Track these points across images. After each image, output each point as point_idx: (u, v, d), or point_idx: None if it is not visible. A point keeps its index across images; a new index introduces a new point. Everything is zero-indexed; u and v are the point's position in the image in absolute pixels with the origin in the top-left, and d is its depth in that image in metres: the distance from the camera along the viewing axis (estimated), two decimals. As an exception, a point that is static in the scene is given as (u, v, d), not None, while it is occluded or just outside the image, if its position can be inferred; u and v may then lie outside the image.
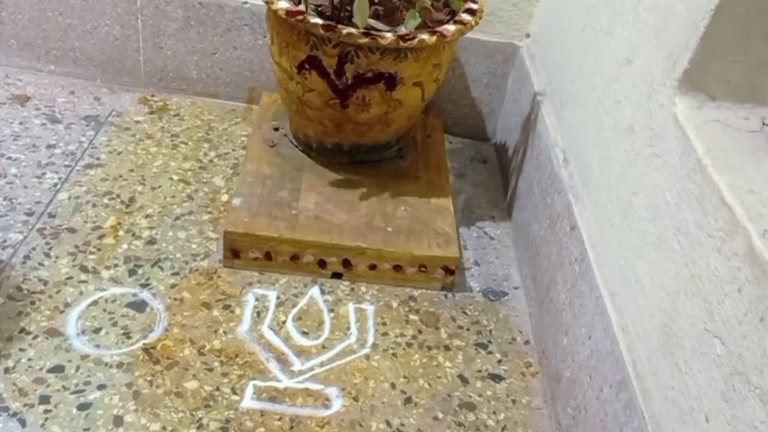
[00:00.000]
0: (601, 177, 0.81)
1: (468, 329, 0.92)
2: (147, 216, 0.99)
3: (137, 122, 1.17)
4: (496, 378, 0.86)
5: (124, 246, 0.94)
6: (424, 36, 0.88)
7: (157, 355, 0.81)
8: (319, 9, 0.92)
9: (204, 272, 0.93)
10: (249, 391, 0.79)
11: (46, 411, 0.74)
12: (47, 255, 0.90)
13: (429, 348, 0.89)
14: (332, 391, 0.81)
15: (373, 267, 0.94)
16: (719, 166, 0.57)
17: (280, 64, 0.96)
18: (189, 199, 1.04)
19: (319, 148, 1.04)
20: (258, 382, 0.80)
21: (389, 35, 0.87)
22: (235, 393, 0.79)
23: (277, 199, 0.97)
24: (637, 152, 0.72)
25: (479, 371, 0.87)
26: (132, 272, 0.91)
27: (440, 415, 0.81)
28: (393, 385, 0.83)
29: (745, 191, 0.55)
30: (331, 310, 0.91)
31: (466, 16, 0.94)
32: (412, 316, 0.92)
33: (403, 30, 0.89)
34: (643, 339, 0.66)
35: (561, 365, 0.82)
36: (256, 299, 0.90)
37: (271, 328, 0.87)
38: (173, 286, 0.90)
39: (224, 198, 1.05)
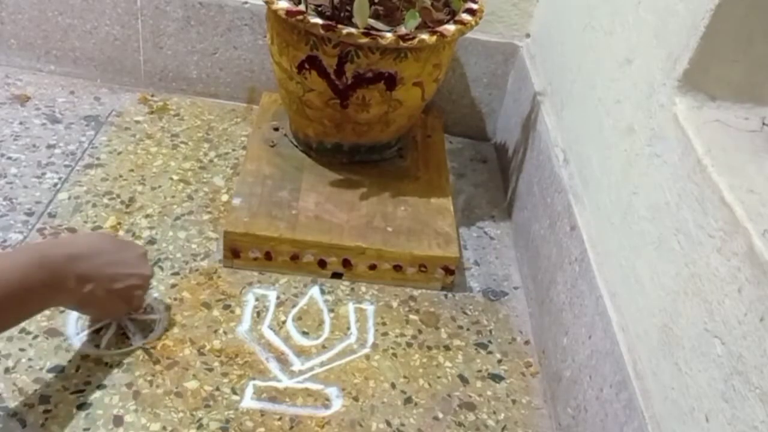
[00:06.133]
0: (601, 177, 0.81)
1: (468, 329, 0.92)
2: (147, 216, 0.99)
3: (137, 122, 1.17)
4: (496, 378, 0.86)
5: (124, 246, 0.94)
6: (424, 36, 0.88)
7: (157, 355, 0.81)
8: (319, 9, 0.92)
9: (204, 272, 0.93)
10: (249, 391, 0.79)
11: (46, 411, 0.74)
12: (47, 255, 0.90)
13: (429, 348, 0.89)
14: (332, 391, 0.81)
15: (373, 267, 0.94)
16: (719, 166, 0.58)
17: (280, 64, 0.96)
18: (189, 199, 1.04)
19: (319, 148, 1.04)
20: (258, 382, 0.80)
21: (389, 35, 0.87)
22: (235, 393, 0.79)
23: (277, 199, 0.97)
24: (637, 152, 0.72)
25: (479, 371, 0.87)
26: (132, 272, 0.90)
27: (440, 415, 0.81)
28: (393, 385, 0.83)
29: (745, 191, 0.55)
30: (331, 310, 0.91)
31: (466, 16, 0.94)
32: (412, 316, 0.92)
33: (403, 30, 0.89)
34: (643, 339, 0.66)
35: (561, 365, 0.82)
36: (256, 299, 0.90)
37: (271, 328, 0.87)
38: (173, 286, 0.90)
39: (224, 198, 1.05)
